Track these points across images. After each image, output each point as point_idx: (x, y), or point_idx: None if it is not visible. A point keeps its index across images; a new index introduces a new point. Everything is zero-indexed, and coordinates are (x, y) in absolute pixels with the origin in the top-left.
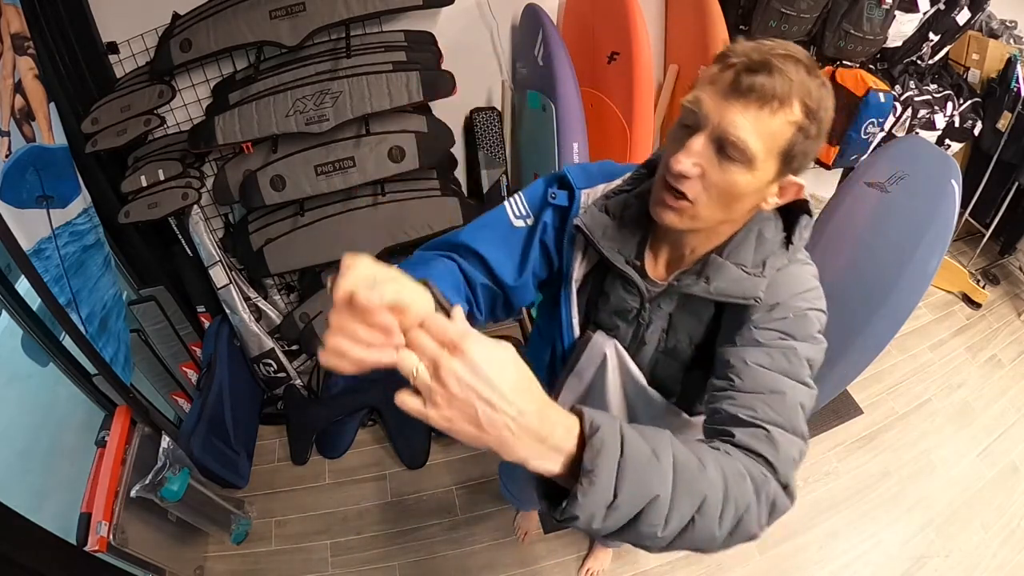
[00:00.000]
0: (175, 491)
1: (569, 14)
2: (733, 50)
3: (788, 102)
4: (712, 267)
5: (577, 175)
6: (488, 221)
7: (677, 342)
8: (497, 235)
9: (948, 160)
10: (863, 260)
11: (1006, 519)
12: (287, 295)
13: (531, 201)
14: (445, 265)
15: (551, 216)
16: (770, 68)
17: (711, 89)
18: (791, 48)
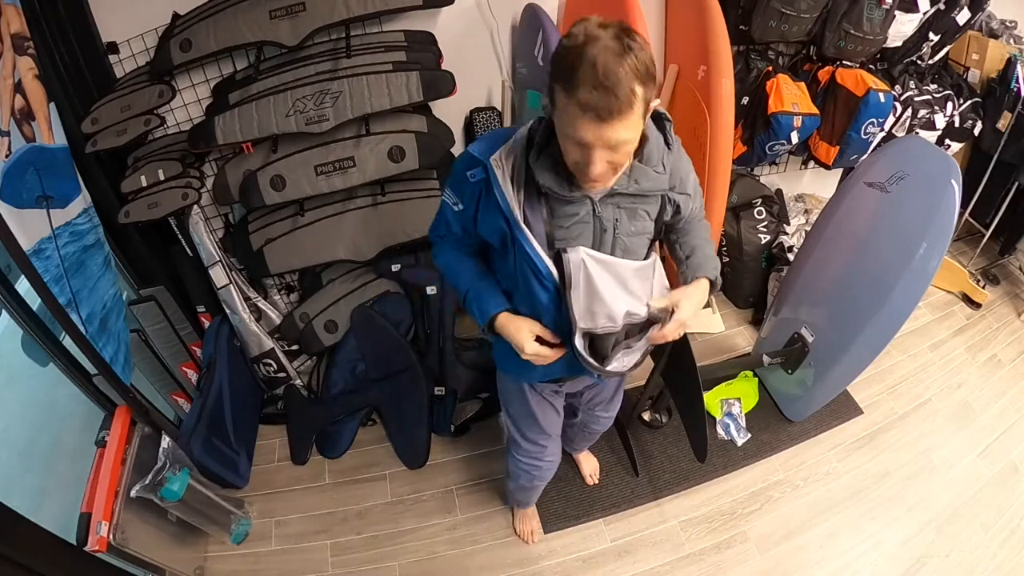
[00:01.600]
0: (175, 491)
1: (569, 14)
2: (589, 78)
3: (634, 97)
4: (638, 172)
5: (480, 149)
6: (447, 214)
7: (631, 221)
8: (450, 223)
9: (948, 160)
10: (863, 260)
11: (1006, 519)
12: (287, 295)
13: (455, 189)
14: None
15: (474, 190)
16: (615, 93)
17: (583, 119)
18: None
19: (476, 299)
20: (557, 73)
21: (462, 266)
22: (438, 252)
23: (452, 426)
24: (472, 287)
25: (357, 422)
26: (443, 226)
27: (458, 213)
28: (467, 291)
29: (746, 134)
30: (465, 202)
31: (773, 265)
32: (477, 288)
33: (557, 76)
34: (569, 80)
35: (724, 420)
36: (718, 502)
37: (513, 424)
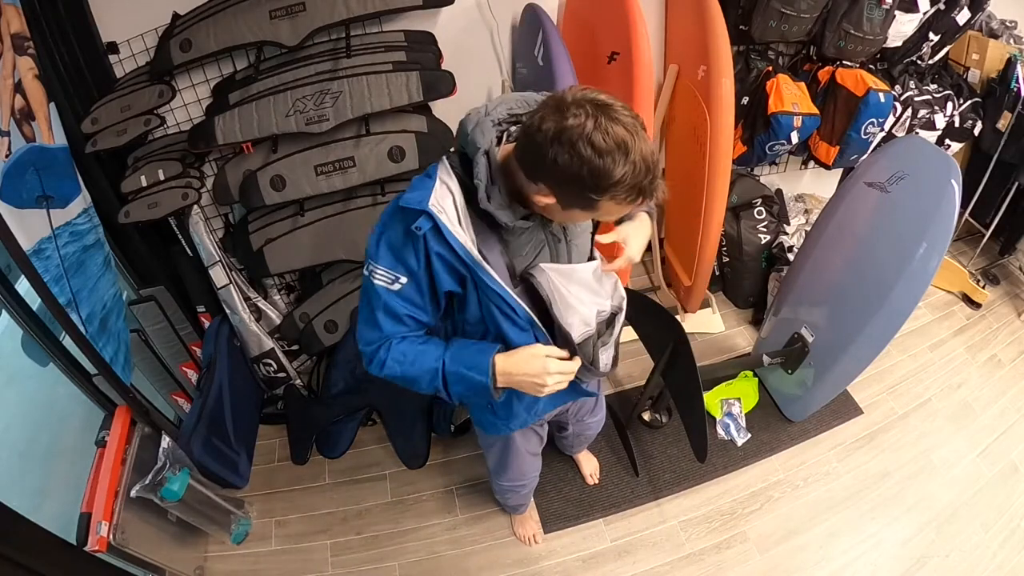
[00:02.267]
0: (175, 491)
1: (569, 14)
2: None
3: None
4: None
5: (416, 199)
6: (388, 304)
7: (575, 237)
8: (391, 318)
9: (948, 160)
10: (863, 260)
11: (1006, 519)
12: (287, 295)
13: (393, 261)
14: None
15: (420, 248)
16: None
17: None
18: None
19: (460, 360)
20: (614, 190)
21: (420, 349)
22: (381, 358)
23: (452, 426)
24: (446, 355)
25: (357, 422)
26: (381, 326)
27: (401, 291)
28: (442, 363)
29: (746, 134)
30: (412, 268)
31: (773, 265)
32: (453, 352)
33: (612, 193)
34: (633, 192)
35: (724, 420)
36: (718, 502)
37: (496, 468)
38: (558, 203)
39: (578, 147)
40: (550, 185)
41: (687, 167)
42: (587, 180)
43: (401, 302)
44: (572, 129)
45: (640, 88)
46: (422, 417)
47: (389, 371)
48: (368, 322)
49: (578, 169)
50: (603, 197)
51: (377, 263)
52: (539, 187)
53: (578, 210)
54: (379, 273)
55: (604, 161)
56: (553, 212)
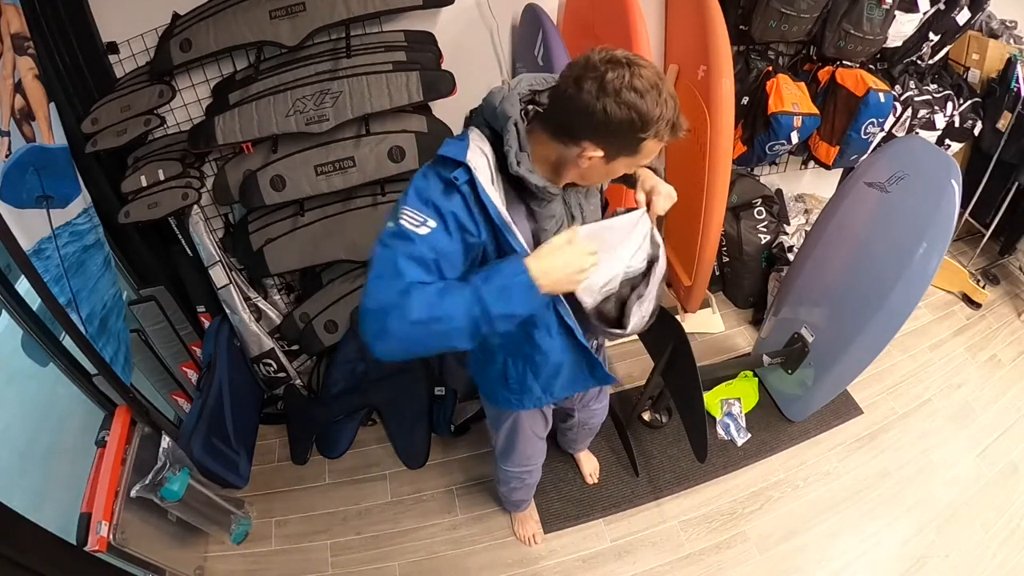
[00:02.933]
0: (175, 491)
1: (569, 14)
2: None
3: None
4: None
5: (453, 151)
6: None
7: (588, 199)
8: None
9: (948, 160)
10: (863, 260)
11: (1006, 519)
12: (287, 295)
13: (422, 205)
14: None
15: (456, 199)
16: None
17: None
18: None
19: (494, 277)
20: (662, 130)
21: (445, 286)
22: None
23: (452, 426)
24: (476, 278)
25: (357, 422)
26: (403, 272)
27: (430, 235)
28: (477, 286)
29: (746, 134)
30: (445, 214)
31: (773, 265)
32: (482, 275)
33: (658, 131)
34: (669, 129)
35: (724, 420)
36: (718, 502)
37: (503, 449)
38: (605, 156)
39: (623, 95)
40: (598, 139)
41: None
42: (636, 121)
43: (428, 247)
44: (614, 80)
45: None
46: (422, 417)
47: (416, 315)
48: (385, 273)
49: (627, 113)
50: (648, 135)
51: (405, 205)
52: (583, 146)
53: (624, 157)
54: (407, 214)
55: (647, 101)
56: (595, 169)
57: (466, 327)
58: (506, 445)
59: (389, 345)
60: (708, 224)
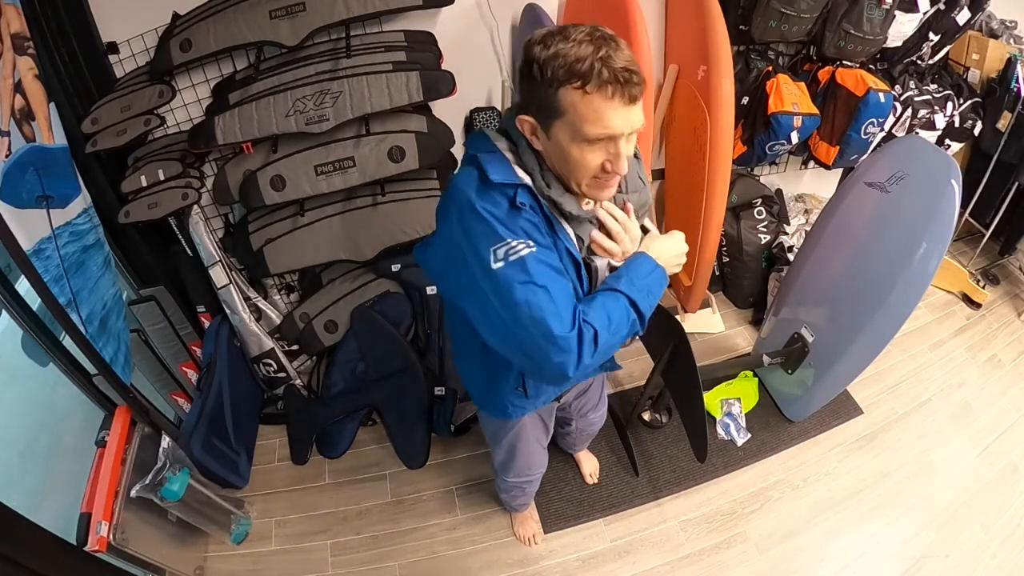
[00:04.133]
0: (175, 491)
1: (569, 14)
2: (607, 68)
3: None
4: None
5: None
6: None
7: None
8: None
9: (948, 160)
10: (863, 260)
11: (1006, 519)
12: (287, 295)
13: (508, 232)
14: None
15: (531, 219)
16: (635, 71)
17: (612, 107)
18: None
19: (634, 279)
20: (564, 73)
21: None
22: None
23: (452, 426)
24: (620, 286)
25: (357, 422)
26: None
27: (538, 252)
28: (625, 295)
29: (746, 134)
30: (533, 233)
31: (773, 265)
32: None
33: (564, 77)
34: (587, 74)
35: (724, 420)
36: (718, 502)
37: (503, 462)
38: (539, 123)
39: (526, 52)
40: (525, 105)
41: (687, 167)
42: (535, 68)
43: (548, 256)
44: (527, 40)
45: None
46: (422, 417)
47: (603, 342)
48: (538, 308)
49: (529, 68)
50: (558, 83)
51: (501, 241)
52: (521, 117)
53: (556, 121)
54: (510, 245)
55: (545, 44)
56: (549, 149)
57: (630, 327)
58: (507, 457)
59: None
60: (708, 224)
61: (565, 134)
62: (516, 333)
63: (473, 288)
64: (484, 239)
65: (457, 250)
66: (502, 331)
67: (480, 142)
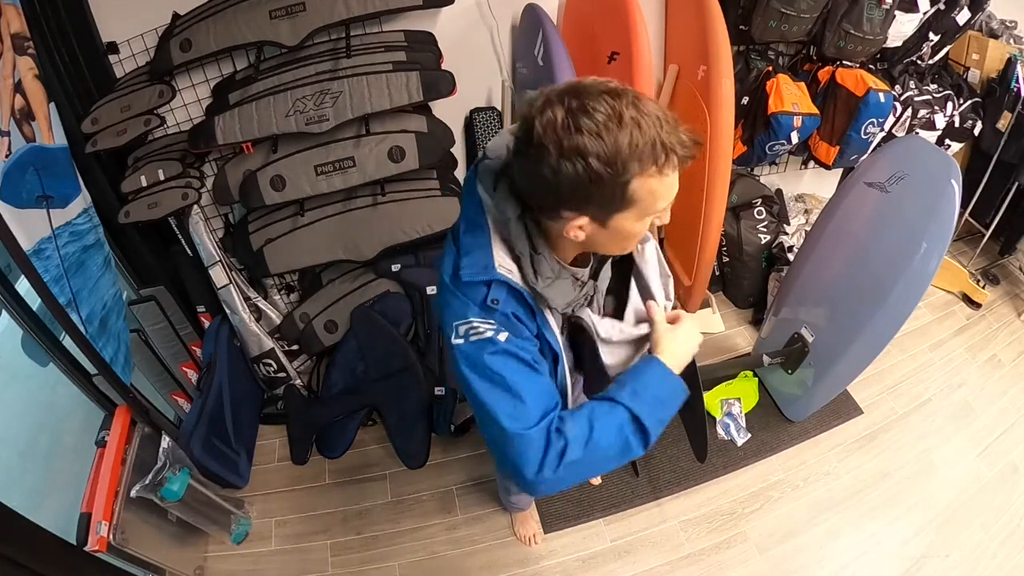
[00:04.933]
0: (175, 491)
1: (569, 14)
2: (679, 146)
3: None
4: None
5: (476, 269)
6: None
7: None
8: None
9: (948, 160)
10: (863, 260)
11: (1006, 519)
12: (287, 295)
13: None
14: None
15: (507, 315)
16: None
17: (672, 181)
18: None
19: (642, 391)
20: (640, 167)
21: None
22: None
23: (452, 426)
24: (622, 396)
25: (357, 422)
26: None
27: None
28: (626, 407)
29: (746, 134)
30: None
31: (773, 265)
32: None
33: (638, 168)
34: (659, 157)
35: (724, 420)
36: (718, 502)
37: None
38: (594, 221)
39: (569, 143)
40: (573, 206)
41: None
42: (600, 169)
43: (520, 347)
44: (547, 128)
45: (640, 88)
46: (422, 417)
47: (575, 459)
48: (506, 406)
49: (583, 166)
50: (630, 175)
51: (464, 320)
52: (564, 216)
53: (620, 213)
54: (472, 325)
55: (604, 139)
56: (598, 237)
57: (629, 445)
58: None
59: (549, 488)
60: (708, 224)
61: (629, 220)
62: (481, 422)
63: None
64: (451, 314)
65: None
66: (476, 416)
67: (472, 213)
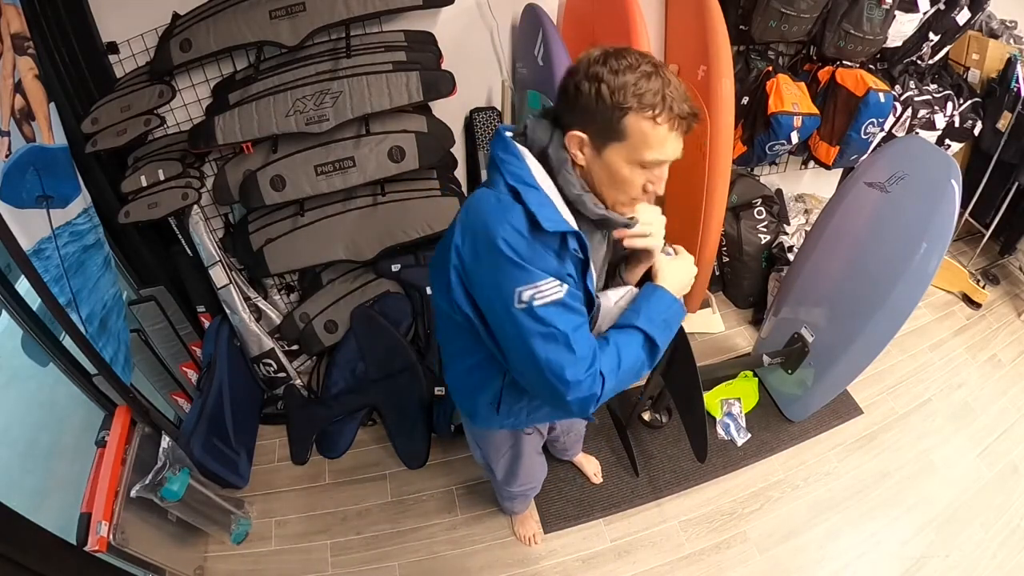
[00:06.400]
0: (175, 491)
1: (569, 14)
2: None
3: None
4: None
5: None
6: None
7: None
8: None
9: (948, 160)
10: (863, 260)
11: (1006, 519)
12: (287, 295)
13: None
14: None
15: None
16: (698, 114)
17: (672, 137)
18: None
19: (651, 317)
20: (639, 104)
21: (615, 344)
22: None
23: (452, 426)
24: (639, 322)
25: (357, 422)
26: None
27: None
28: (643, 332)
29: (746, 134)
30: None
31: (773, 265)
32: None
33: (641, 107)
34: (659, 106)
35: (724, 420)
36: (718, 502)
37: (507, 475)
38: (591, 141)
39: (592, 69)
40: (579, 121)
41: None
42: (606, 94)
43: (574, 298)
44: (583, 59)
45: None
46: (422, 417)
47: (610, 386)
48: (560, 354)
49: (596, 86)
50: (628, 110)
51: (530, 282)
52: (570, 134)
53: (614, 144)
54: (538, 288)
55: (619, 75)
56: (593, 167)
57: (645, 363)
58: (510, 470)
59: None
60: (708, 224)
61: (620, 156)
62: (531, 373)
63: (495, 320)
64: (509, 278)
65: (476, 277)
66: (519, 366)
67: (517, 169)
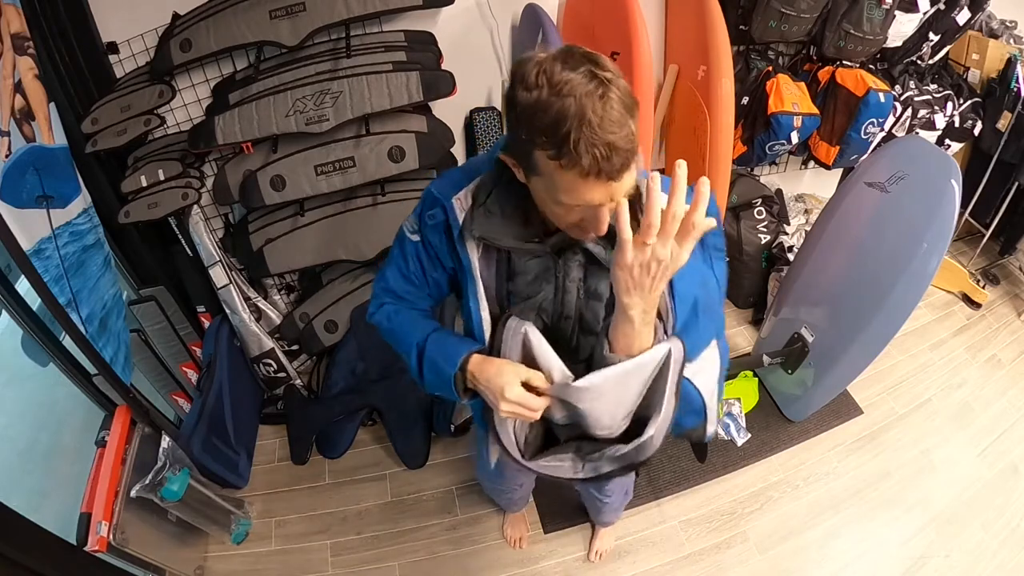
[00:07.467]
0: (175, 491)
1: (569, 14)
2: (586, 143)
3: (634, 137)
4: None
5: (443, 188)
6: (395, 254)
7: (597, 285)
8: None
9: (948, 160)
10: (863, 260)
11: (1006, 519)
12: (287, 295)
13: (417, 218)
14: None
15: (433, 233)
16: (619, 147)
17: (587, 184)
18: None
19: (439, 347)
20: (539, 137)
21: (412, 318)
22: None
23: (452, 426)
24: (431, 336)
25: (357, 422)
26: (385, 273)
27: (417, 244)
28: (424, 341)
29: (746, 134)
30: (425, 235)
31: (773, 265)
32: (438, 337)
33: (539, 141)
34: (560, 146)
35: (724, 420)
36: (718, 502)
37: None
38: (517, 164)
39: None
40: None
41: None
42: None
43: (412, 252)
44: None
45: (640, 88)
46: (422, 417)
47: (377, 322)
48: (391, 257)
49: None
50: (535, 148)
51: (414, 212)
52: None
53: (532, 176)
54: (410, 219)
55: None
56: (534, 193)
57: (408, 363)
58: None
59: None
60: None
61: (541, 189)
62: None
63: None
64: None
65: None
66: None
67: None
